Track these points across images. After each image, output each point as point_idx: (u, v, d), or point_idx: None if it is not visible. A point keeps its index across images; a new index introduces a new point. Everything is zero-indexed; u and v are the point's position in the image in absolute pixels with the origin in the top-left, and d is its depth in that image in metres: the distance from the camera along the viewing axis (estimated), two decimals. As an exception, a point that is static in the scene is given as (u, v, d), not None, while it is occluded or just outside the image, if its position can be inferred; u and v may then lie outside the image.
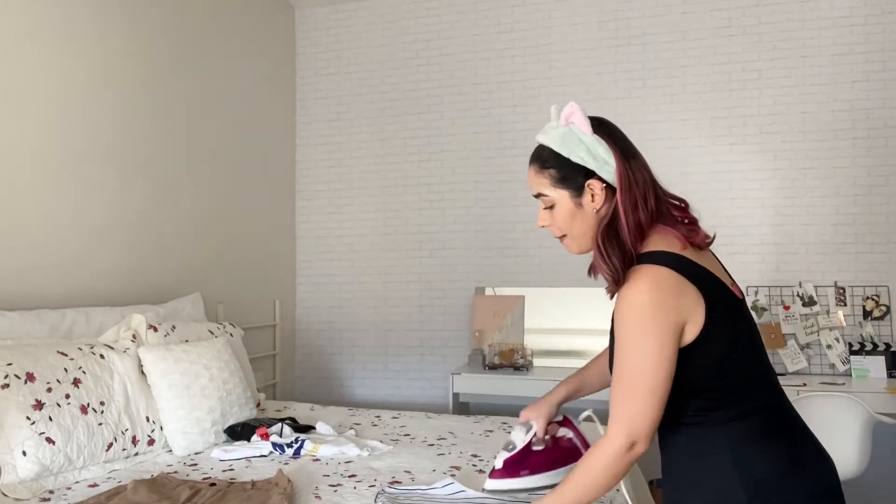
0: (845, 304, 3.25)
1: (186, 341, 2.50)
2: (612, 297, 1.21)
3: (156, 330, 2.43)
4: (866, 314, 3.22)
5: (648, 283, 1.11)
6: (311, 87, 4.16)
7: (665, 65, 3.54)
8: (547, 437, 1.46)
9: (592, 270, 1.38)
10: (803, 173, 3.36)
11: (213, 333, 2.70)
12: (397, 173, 3.97)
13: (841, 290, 3.27)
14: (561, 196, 1.24)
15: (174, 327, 2.52)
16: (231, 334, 2.86)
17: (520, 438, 1.44)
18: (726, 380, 1.14)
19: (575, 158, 1.21)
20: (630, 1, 3.60)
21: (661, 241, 1.18)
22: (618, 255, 1.17)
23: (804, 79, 3.36)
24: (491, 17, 3.83)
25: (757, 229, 3.40)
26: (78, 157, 2.55)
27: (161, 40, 3.01)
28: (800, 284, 3.33)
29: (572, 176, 1.22)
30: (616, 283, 1.17)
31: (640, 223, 1.18)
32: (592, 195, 1.22)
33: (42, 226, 2.39)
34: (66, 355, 2.03)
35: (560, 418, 1.49)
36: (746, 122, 3.43)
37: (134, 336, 2.35)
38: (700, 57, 3.49)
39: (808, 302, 3.30)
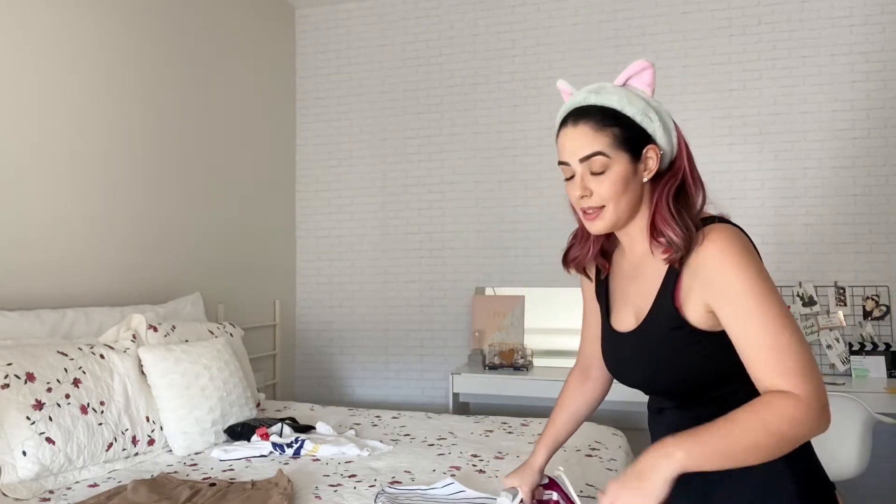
0: (845, 304, 3.25)
1: (186, 341, 2.50)
2: (676, 263, 1.10)
3: (156, 330, 2.43)
4: (866, 314, 3.22)
5: (733, 233, 1.06)
6: (311, 87, 4.16)
7: (665, 65, 3.54)
8: (534, 501, 1.44)
9: (569, 263, 1.35)
10: (803, 173, 3.36)
11: (213, 333, 2.70)
12: (397, 173, 3.97)
13: (841, 290, 3.27)
14: (621, 159, 1.10)
15: (174, 327, 2.52)
16: (231, 334, 2.86)
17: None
18: None
19: (640, 119, 1.10)
20: (630, 1, 3.60)
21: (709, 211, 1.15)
22: (691, 217, 1.10)
23: (804, 79, 3.36)
24: (491, 17, 3.83)
25: (757, 229, 3.40)
26: (78, 157, 2.55)
27: (161, 40, 3.01)
28: (800, 284, 3.33)
29: (635, 138, 1.11)
30: (687, 249, 1.07)
31: (703, 188, 1.14)
32: (647, 162, 1.12)
33: (42, 226, 2.39)
34: (66, 355, 2.03)
35: (545, 481, 1.45)
36: (746, 122, 3.43)
37: (134, 336, 2.35)
38: (700, 57, 3.49)
39: (808, 302, 3.30)
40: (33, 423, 1.83)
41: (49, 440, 1.84)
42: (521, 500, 1.41)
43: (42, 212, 2.39)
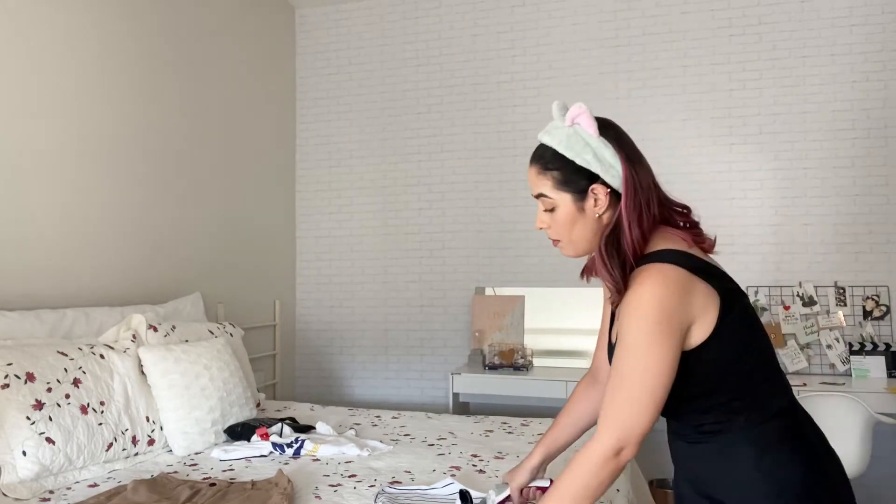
0: (845, 304, 3.25)
1: (186, 341, 2.50)
2: (614, 306, 1.18)
3: (156, 330, 2.43)
4: (866, 314, 3.22)
5: (656, 282, 1.08)
6: (311, 87, 4.16)
7: (665, 65, 3.54)
8: (533, 500, 1.45)
9: (586, 273, 1.35)
10: (803, 173, 3.36)
11: (213, 333, 2.70)
12: (397, 173, 3.97)
13: (841, 290, 3.27)
14: (563, 199, 1.20)
15: (174, 327, 2.52)
16: (231, 334, 2.86)
17: (491, 499, 1.43)
18: (747, 381, 1.11)
19: (580, 161, 1.17)
20: (630, 1, 3.60)
21: (666, 240, 1.16)
22: (619, 264, 1.15)
23: (804, 79, 3.36)
24: (491, 17, 3.83)
25: (757, 229, 3.40)
26: (78, 158, 2.55)
27: (160, 40, 3.01)
28: (800, 284, 3.33)
29: (576, 179, 1.18)
30: (619, 293, 1.15)
31: (642, 231, 1.15)
32: (595, 200, 1.18)
33: (42, 226, 2.39)
34: (66, 355, 2.03)
35: (546, 483, 1.46)
36: (746, 122, 3.43)
37: (134, 336, 2.35)
38: (700, 57, 3.49)
39: (808, 302, 3.30)
40: (33, 423, 1.83)
41: (49, 440, 1.84)
42: (509, 496, 1.42)
43: (42, 212, 2.39)
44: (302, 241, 4.16)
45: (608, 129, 1.20)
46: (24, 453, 1.79)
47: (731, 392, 1.11)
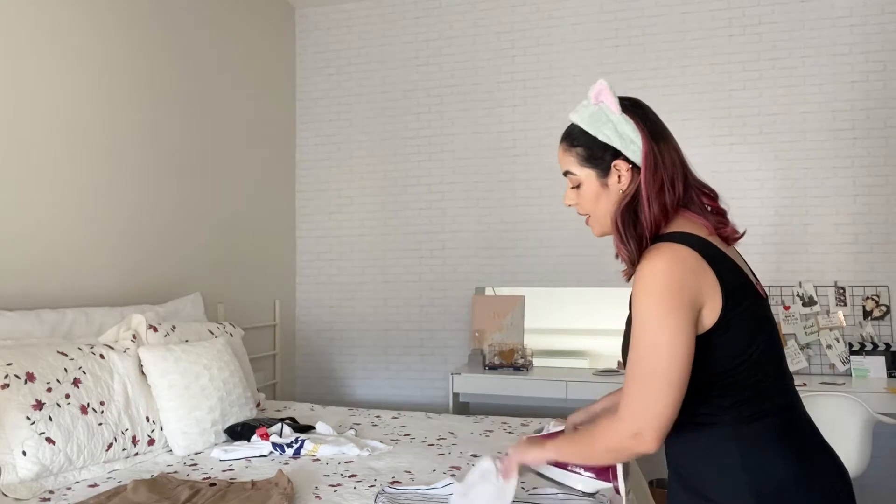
0: (845, 304, 3.25)
1: (186, 341, 2.50)
2: (628, 280, 1.18)
3: (156, 330, 2.43)
4: (866, 314, 3.22)
5: (667, 258, 1.08)
6: (311, 87, 4.16)
7: (665, 65, 3.54)
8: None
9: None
10: (803, 173, 3.36)
11: (213, 333, 2.70)
12: (397, 173, 3.97)
13: (841, 290, 3.27)
14: (587, 175, 1.22)
15: (174, 327, 2.52)
16: (231, 334, 2.86)
17: (548, 429, 1.46)
18: (743, 377, 1.09)
19: (601, 137, 1.19)
20: (630, 1, 3.60)
21: (686, 224, 1.16)
22: (635, 236, 1.16)
23: (804, 79, 3.36)
24: (491, 17, 3.83)
25: (757, 229, 3.40)
26: (77, 157, 2.55)
27: (160, 40, 3.01)
28: (800, 284, 3.33)
29: (599, 155, 1.20)
30: (632, 265, 1.15)
31: (663, 206, 1.15)
32: (619, 176, 1.19)
33: (42, 226, 2.39)
34: (66, 355, 2.03)
35: None
36: (746, 122, 3.43)
37: (134, 336, 2.35)
38: (700, 57, 3.49)
39: (808, 302, 3.30)
40: (33, 423, 1.83)
41: (49, 440, 1.84)
42: (563, 430, 1.43)
43: (42, 211, 2.39)
44: (302, 241, 4.16)
45: (633, 107, 1.21)
46: (24, 453, 1.79)
47: (725, 387, 1.10)
